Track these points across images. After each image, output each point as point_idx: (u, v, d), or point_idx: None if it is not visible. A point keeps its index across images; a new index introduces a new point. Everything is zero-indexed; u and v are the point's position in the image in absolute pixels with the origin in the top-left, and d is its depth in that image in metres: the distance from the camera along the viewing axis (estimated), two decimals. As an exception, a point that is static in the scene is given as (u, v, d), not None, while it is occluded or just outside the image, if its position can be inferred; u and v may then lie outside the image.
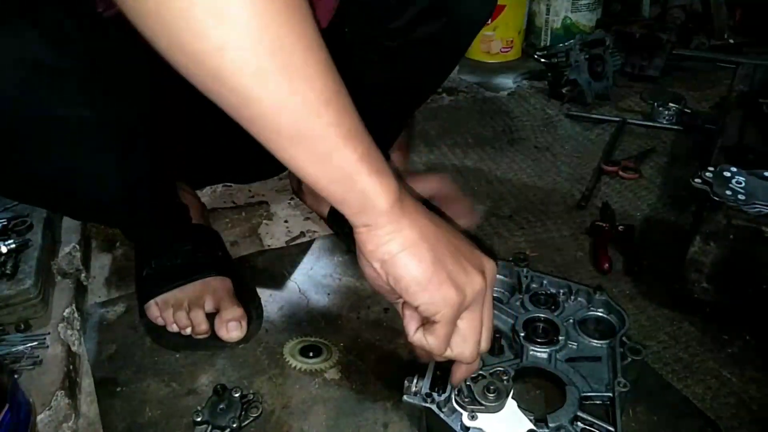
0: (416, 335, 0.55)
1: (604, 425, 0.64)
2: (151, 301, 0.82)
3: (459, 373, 0.62)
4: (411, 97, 0.87)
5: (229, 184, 1.18)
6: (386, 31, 0.74)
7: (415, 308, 0.52)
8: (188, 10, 0.40)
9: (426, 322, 0.54)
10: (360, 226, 0.50)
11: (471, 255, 0.54)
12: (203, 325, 0.79)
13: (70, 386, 0.72)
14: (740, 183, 0.79)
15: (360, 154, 0.47)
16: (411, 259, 0.50)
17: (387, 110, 0.84)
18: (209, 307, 0.81)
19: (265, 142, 0.47)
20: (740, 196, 0.78)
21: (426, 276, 0.50)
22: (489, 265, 0.55)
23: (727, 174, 0.80)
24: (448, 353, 0.56)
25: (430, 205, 0.72)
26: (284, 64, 0.43)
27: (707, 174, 0.81)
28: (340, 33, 0.79)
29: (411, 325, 0.55)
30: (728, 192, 0.78)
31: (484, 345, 0.58)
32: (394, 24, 0.72)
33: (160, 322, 0.82)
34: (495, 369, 0.66)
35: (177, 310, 0.80)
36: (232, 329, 0.80)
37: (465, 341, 0.55)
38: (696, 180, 0.81)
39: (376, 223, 0.49)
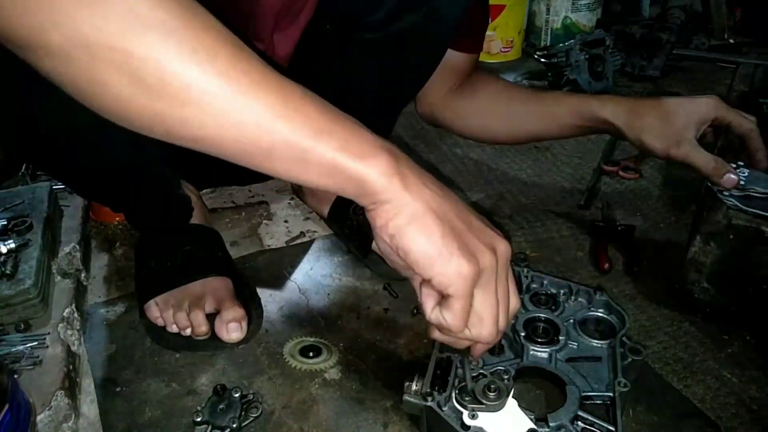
0: (434, 313, 0.53)
1: (605, 425, 0.64)
2: (151, 301, 0.82)
3: (476, 349, 0.60)
4: (396, 93, 0.88)
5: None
6: (365, 24, 0.75)
7: (429, 282, 0.51)
8: (133, 43, 0.40)
9: (442, 300, 0.53)
10: (368, 206, 0.50)
11: (481, 230, 0.53)
12: (203, 327, 0.79)
13: (70, 386, 0.72)
14: (743, 173, 0.80)
15: (336, 146, 0.47)
16: (419, 232, 0.49)
17: (372, 106, 0.85)
18: (209, 307, 0.81)
19: (244, 164, 0.47)
20: (740, 183, 0.78)
21: (436, 248, 0.49)
22: (501, 241, 0.54)
23: (733, 165, 0.81)
24: (467, 334, 0.54)
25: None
26: (230, 94, 0.43)
27: None
28: (323, 29, 0.79)
29: (428, 302, 0.53)
30: None
31: (503, 323, 0.55)
32: (372, 17, 0.72)
33: (160, 322, 0.82)
34: (496, 368, 0.66)
35: (177, 311, 0.80)
36: (232, 330, 0.79)
37: (481, 320, 0.53)
38: None
39: (380, 200, 0.49)
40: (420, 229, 0.49)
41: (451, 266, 0.49)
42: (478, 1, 0.85)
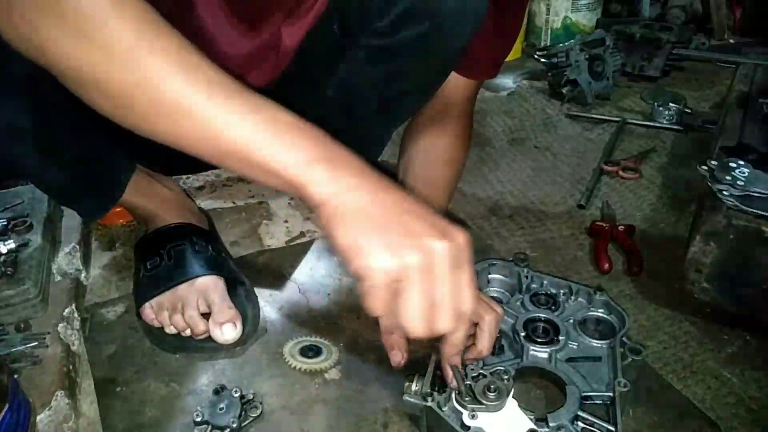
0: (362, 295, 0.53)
1: (605, 425, 0.64)
2: (146, 304, 0.82)
3: (444, 350, 0.62)
4: (395, 104, 0.87)
5: (228, 183, 1.18)
6: (372, 29, 0.75)
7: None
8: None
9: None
10: (312, 208, 0.52)
11: (422, 221, 0.52)
12: (201, 326, 0.79)
13: (70, 386, 0.72)
14: (743, 173, 0.80)
15: (274, 153, 0.51)
16: (336, 229, 0.51)
17: (370, 113, 0.85)
18: (202, 307, 0.80)
19: (192, 152, 0.53)
20: (739, 182, 0.78)
21: (350, 243, 0.51)
22: (441, 240, 0.51)
23: (733, 164, 0.81)
24: (395, 322, 0.53)
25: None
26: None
27: (713, 162, 0.82)
28: (330, 30, 0.79)
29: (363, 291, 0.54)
30: (728, 177, 0.79)
31: (443, 322, 0.53)
32: (379, 23, 0.72)
33: (156, 324, 0.81)
34: (495, 368, 0.66)
35: (173, 313, 0.80)
36: (226, 331, 0.79)
37: (409, 317, 0.51)
38: (702, 167, 0.82)
39: (315, 205, 0.52)
40: (336, 226, 0.51)
41: (365, 261, 0.51)
42: (497, 30, 0.81)
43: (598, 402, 0.68)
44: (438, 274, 0.51)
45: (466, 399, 0.62)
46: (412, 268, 0.51)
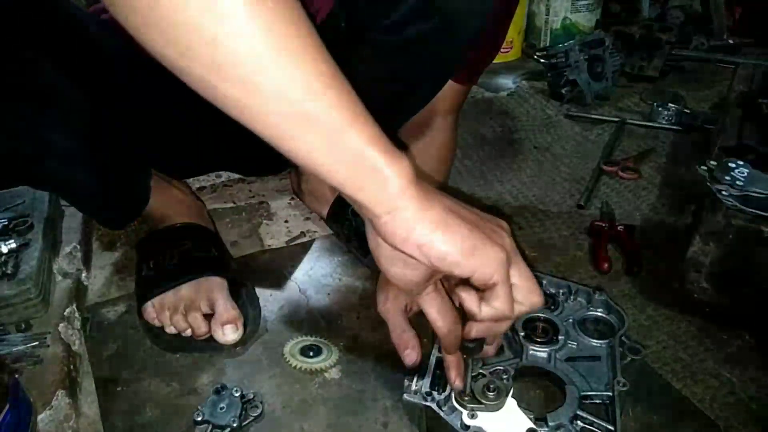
0: (483, 310, 0.53)
1: (604, 424, 0.64)
2: (148, 303, 0.82)
3: (493, 344, 0.62)
4: (400, 101, 0.88)
5: (229, 183, 1.18)
6: (379, 26, 0.75)
7: (468, 280, 0.52)
8: (181, 5, 0.40)
9: (483, 294, 0.53)
10: (383, 216, 0.49)
11: (487, 217, 0.55)
12: (203, 328, 0.79)
13: (71, 386, 0.72)
14: (743, 173, 0.80)
15: (369, 135, 0.46)
16: (449, 234, 0.49)
17: (380, 110, 0.85)
18: (204, 308, 0.81)
19: (269, 137, 0.46)
20: (738, 182, 0.78)
21: (469, 244, 0.50)
22: (503, 223, 0.56)
23: (732, 165, 0.81)
24: (522, 309, 0.55)
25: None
26: (280, 49, 0.43)
27: (712, 162, 0.82)
28: (337, 27, 0.79)
29: (473, 303, 0.53)
30: (727, 177, 0.79)
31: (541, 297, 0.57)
32: (387, 20, 0.72)
33: (157, 323, 0.82)
34: (495, 368, 0.66)
35: (174, 313, 0.80)
36: (228, 332, 0.79)
37: (531, 291, 0.55)
38: (702, 167, 0.82)
39: (397, 207, 0.48)
40: (449, 231, 0.49)
41: (486, 257, 0.50)
42: (489, 35, 0.83)
43: (597, 401, 0.68)
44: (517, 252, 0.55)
45: (466, 398, 0.62)
46: (511, 250, 0.53)
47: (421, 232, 0.49)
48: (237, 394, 0.71)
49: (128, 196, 0.86)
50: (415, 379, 0.66)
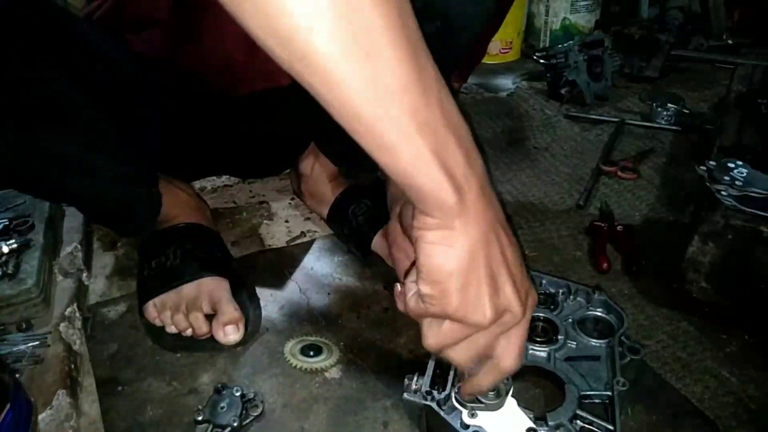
0: (411, 300, 0.53)
1: (603, 424, 0.64)
2: (149, 302, 0.82)
3: (463, 388, 0.62)
4: None
5: (229, 183, 1.18)
6: None
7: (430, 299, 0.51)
8: None
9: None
10: (428, 221, 0.48)
11: (521, 278, 0.52)
12: (204, 328, 0.79)
13: (72, 385, 0.73)
14: (741, 173, 0.80)
15: (432, 147, 0.45)
16: (462, 274, 0.48)
17: None
18: (206, 308, 0.81)
19: (343, 125, 0.45)
20: (737, 182, 0.79)
21: (470, 296, 0.49)
22: (532, 296, 0.54)
23: (731, 165, 0.81)
24: (449, 353, 0.55)
25: None
26: (369, 48, 0.42)
27: (711, 162, 0.82)
28: None
29: (408, 295, 0.53)
30: (726, 177, 0.79)
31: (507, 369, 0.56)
32: None
33: (158, 323, 0.82)
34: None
35: (175, 313, 0.80)
36: (229, 333, 0.79)
37: (463, 351, 0.54)
38: (701, 168, 0.82)
39: (431, 214, 0.47)
40: (463, 272, 0.48)
41: (475, 315, 0.49)
42: (480, 36, 0.84)
43: (596, 401, 0.68)
44: (521, 327, 0.53)
45: (466, 398, 0.63)
46: (507, 322, 0.52)
47: (432, 236, 0.48)
48: (237, 394, 0.72)
49: (144, 205, 0.87)
50: (415, 378, 0.66)
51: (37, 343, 0.75)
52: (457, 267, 0.48)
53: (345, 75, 0.43)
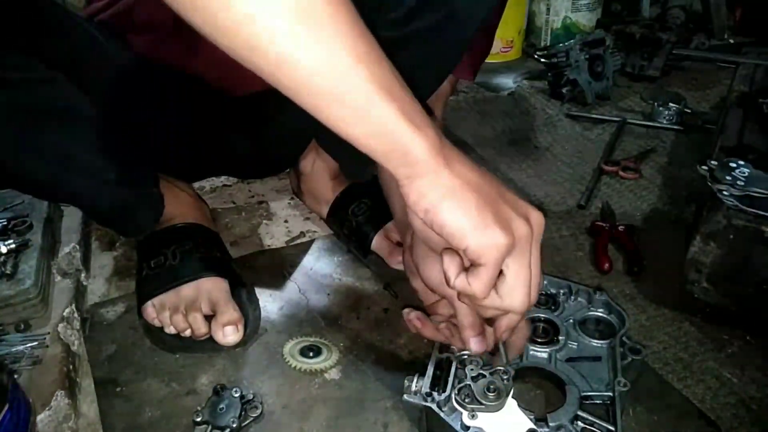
0: (458, 279, 0.54)
1: (605, 425, 0.64)
2: (148, 303, 0.82)
3: (503, 323, 0.61)
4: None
5: (228, 183, 1.18)
6: (385, 21, 0.75)
7: (462, 252, 0.53)
8: None
9: (470, 268, 0.54)
10: (402, 179, 0.52)
11: (516, 203, 0.55)
12: (203, 329, 0.79)
13: (70, 386, 0.72)
14: (743, 173, 0.80)
15: (397, 107, 0.49)
16: (454, 205, 0.51)
17: None
18: (205, 309, 0.80)
19: (305, 106, 0.49)
20: (739, 182, 0.78)
21: (472, 219, 0.51)
22: (535, 214, 0.55)
23: (733, 164, 0.80)
24: (498, 303, 0.55)
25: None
26: (316, 26, 0.45)
27: (713, 162, 0.82)
28: None
29: (450, 268, 0.54)
30: (728, 177, 0.79)
31: (534, 295, 0.56)
32: (392, 15, 0.72)
33: (157, 323, 0.81)
34: (495, 368, 0.66)
35: (174, 313, 0.80)
36: (228, 333, 0.79)
37: (513, 290, 0.54)
38: (702, 167, 0.82)
39: (416, 174, 0.51)
40: (454, 202, 0.51)
41: (485, 237, 0.51)
42: (484, 29, 0.84)
43: (597, 402, 0.68)
44: (534, 247, 0.55)
45: (466, 399, 0.62)
46: (520, 242, 0.53)
47: (431, 198, 0.51)
48: (237, 395, 0.71)
49: (146, 205, 0.87)
50: (415, 380, 0.66)
51: (35, 343, 0.75)
52: (477, 203, 0.51)
53: (298, 56, 0.45)
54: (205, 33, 0.46)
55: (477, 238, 0.51)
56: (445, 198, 0.51)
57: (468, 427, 0.61)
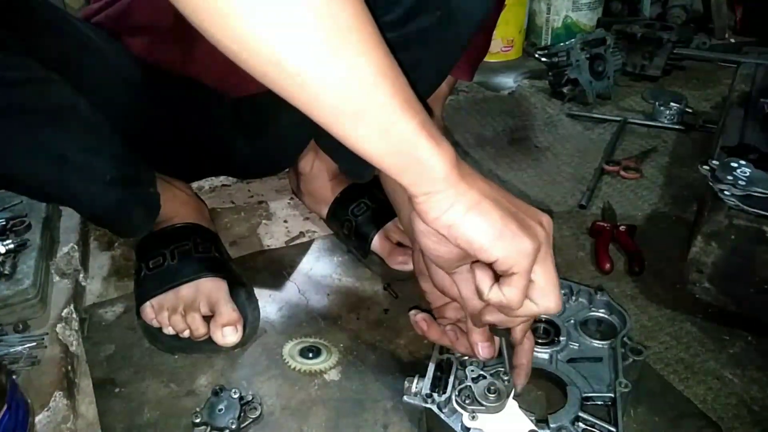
0: (492, 292, 0.54)
1: (606, 426, 0.64)
2: (147, 303, 0.82)
3: (520, 329, 0.62)
4: None
5: (228, 183, 1.17)
6: (382, 23, 0.74)
7: (491, 264, 0.52)
8: None
9: (497, 280, 0.54)
10: (419, 195, 0.51)
11: (528, 209, 0.55)
12: (201, 329, 0.79)
13: (69, 387, 0.72)
14: (744, 173, 0.79)
15: (417, 123, 0.48)
16: (479, 218, 0.51)
17: None
18: (204, 309, 0.80)
19: (325, 123, 0.48)
20: (740, 182, 0.78)
21: (497, 230, 0.51)
22: (545, 218, 0.56)
23: (734, 164, 0.80)
24: (534, 309, 0.55)
25: None
26: (340, 42, 0.44)
27: (714, 162, 0.82)
28: None
29: (484, 282, 0.54)
30: (729, 177, 0.79)
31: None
32: (389, 17, 0.72)
33: (155, 324, 0.81)
34: (496, 369, 0.66)
35: (172, 314, 0.80)
36: (227, 334, 0.78)
37: (546, 294, 0.55)
38: (703, 167, 0.82)
39: (435, 190, 0.50)
40: (479, 215, 0.51)
41: (513, 246, 0.51)
42: (482, 28, 0.84)
43: (599, 403, 0.67)
44: (551, 248, 0.55)
45: (467, 400, 0.62)
46: (543, 246, 0.53)
47: (453, 214, 0.51)
48: (236, 396, 0.71)
49: (143, 205, 0.86)
50: (415, 381, 0.65)
51: (33, 344, 0.75)
52: (499, 214, 0.51)
53: (321, 72, 0.44)
54: (225, 50, 0.45)
55: (506, 249, 0.51)
56: (468, 212, 0.51)
57: (468, 429, 0.61)
